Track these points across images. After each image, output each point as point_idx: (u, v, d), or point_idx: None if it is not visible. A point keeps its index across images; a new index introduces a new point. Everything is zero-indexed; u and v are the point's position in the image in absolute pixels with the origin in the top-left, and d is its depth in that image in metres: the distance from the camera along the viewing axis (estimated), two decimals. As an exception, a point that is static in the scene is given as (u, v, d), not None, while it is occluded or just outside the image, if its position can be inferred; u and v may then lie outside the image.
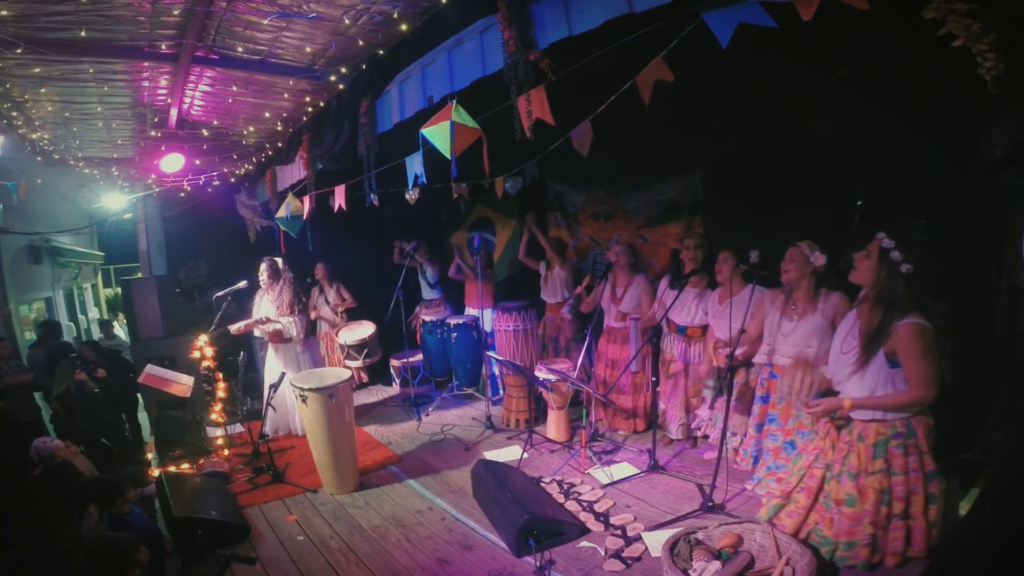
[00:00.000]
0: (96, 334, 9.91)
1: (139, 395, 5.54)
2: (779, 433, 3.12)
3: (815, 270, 2.96)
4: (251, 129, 4.93)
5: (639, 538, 2.89)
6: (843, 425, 2.51)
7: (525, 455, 3.94)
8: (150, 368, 4.36)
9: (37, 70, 3.44)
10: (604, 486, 3.47)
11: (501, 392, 5.04)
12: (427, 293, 6.07)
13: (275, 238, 5.18)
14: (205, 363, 4.49)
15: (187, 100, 4.18)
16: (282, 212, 4.57)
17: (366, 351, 5.40)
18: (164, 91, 4.02)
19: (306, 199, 4.37)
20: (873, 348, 2.32)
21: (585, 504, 3.24)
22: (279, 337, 4.54)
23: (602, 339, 4.35)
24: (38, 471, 3.26)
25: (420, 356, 5.54)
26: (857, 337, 2.41)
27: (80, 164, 5.61)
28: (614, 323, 4.25)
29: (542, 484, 3.52)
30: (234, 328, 4.43)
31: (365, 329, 5.52)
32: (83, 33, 3.02)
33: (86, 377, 4.52)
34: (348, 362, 5.39)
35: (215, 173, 5.65)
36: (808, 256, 2.94)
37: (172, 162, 4.97)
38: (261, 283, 4.59)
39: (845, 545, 2.41)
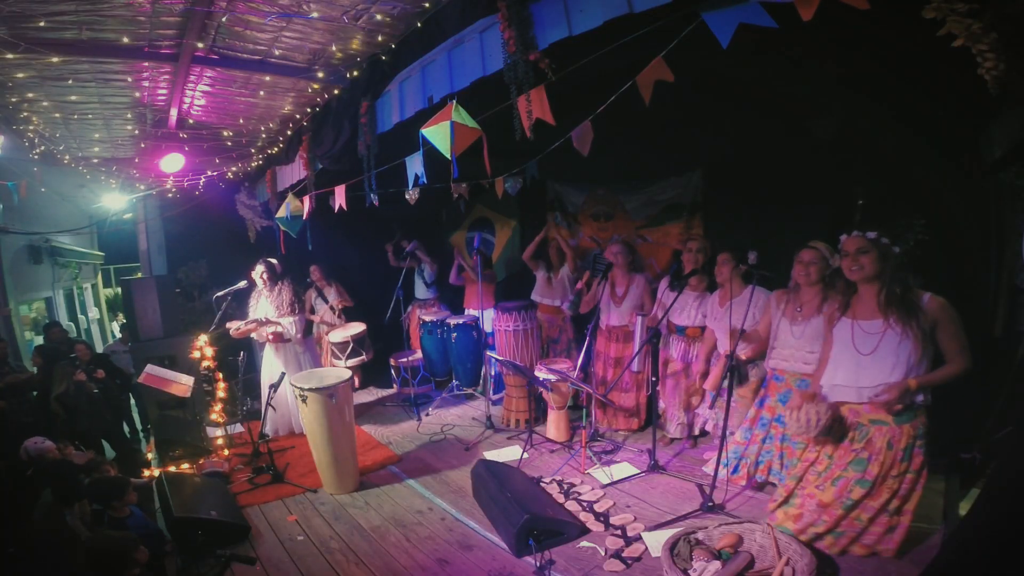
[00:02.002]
0: (98, 338, 9.92)
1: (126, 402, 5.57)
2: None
3: (831, 272, 2.89)
4: (251, 129, 4.93)
5: (639, 538, 2.89)
6: (846, 433, 2.48)
7: (525, 455, 3.95)
8: (150, 368, 4.35)
9: (37, 70, 3.43)
10: (604, 486, 3.47)
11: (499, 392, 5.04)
12: (422, 292, 6.04)
13: (275, 238, 5.18)
14: (205, 363, 4.50)
15: (187, 100, 4.17)
16: (282, 212, 4.57)
17: (350, 350, 5.34)
18: (164, 91, 4.01)
19: (306, 199, 4.37)
20: (908, 321, 2.32)
21: (585, 504, 3.24)
22: (279, 337, 4.54)
23: (601, 339, 4.34)
24: (30, 471, 3.26)
25: (419, 356, 5.54)
26: (870, 330, 2.40)
27: (80, 164, 5.60)
28: (615, 322, 4.25)
29: (542, 484, 3.52)
30: (233, 330, 4.43)
31: (351, 329, 5.49)
32: (83, 33, 3.02)
33: (86, 377, 4.52)
34: (334, 361, 5.36)
35: (215, 173, 5.65)
36: (828, 258, 2.89)
37: (172, 162, 4.97)
38: (258, 284, 4.59)
39: (830, 535, 2.49)
